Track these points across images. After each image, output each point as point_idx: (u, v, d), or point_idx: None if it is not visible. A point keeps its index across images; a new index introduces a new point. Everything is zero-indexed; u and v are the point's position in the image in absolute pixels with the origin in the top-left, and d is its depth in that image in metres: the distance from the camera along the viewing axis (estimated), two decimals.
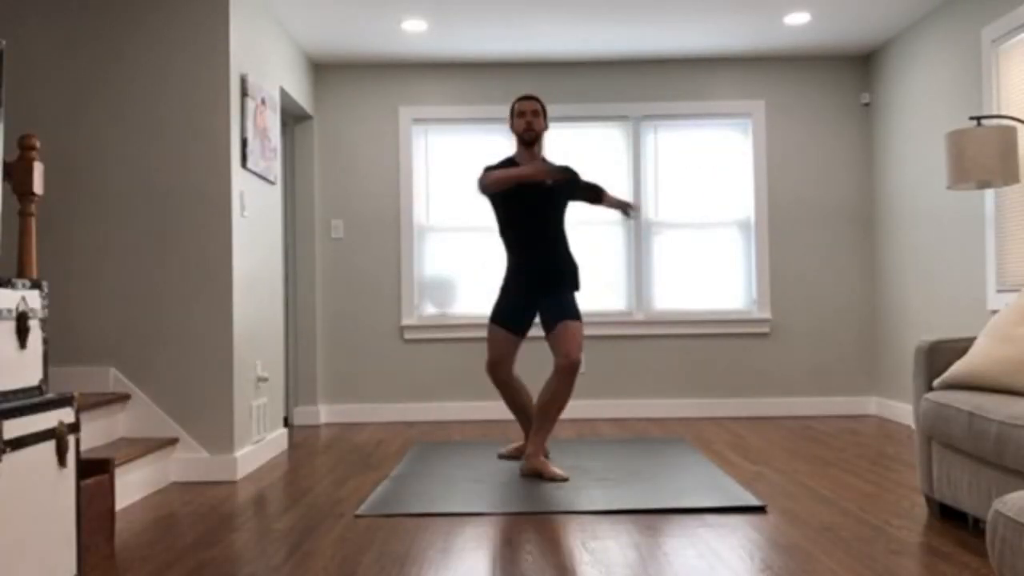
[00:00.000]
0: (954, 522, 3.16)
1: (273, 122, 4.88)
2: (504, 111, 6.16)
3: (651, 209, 6.19)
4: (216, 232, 4.20)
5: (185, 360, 4.17)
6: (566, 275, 4.18)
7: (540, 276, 4.17)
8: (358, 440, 5.29)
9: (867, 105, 6.17)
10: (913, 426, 3.94)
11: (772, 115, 6.19)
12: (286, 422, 6.09)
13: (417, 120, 6.21)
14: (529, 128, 4.16)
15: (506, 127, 6.21)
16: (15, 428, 2.23)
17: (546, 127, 4.24)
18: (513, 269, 4.26)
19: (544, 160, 4.30)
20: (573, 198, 4.37)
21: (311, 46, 5.75)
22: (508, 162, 4.27)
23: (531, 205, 4.16)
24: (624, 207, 4.36)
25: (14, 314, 2.37)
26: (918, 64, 5.41)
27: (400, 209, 6.16)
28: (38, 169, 2.96)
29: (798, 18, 5.34)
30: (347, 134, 6.19)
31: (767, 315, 6.12)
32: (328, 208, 6.17)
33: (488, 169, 4.22)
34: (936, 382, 3.22)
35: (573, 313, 4.09)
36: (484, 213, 6.19)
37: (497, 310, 4.28)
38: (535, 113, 4.18)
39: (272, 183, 4.92)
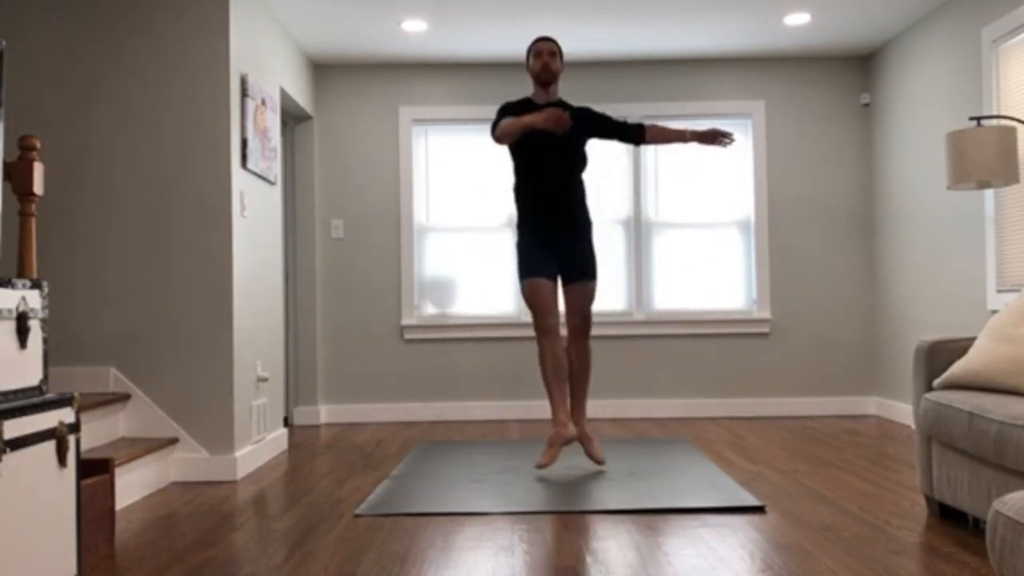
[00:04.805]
0: (954, 522, 3.16)
1: (273, 122, 4.88)
2: None
3: (651, 209, 6.19)
4: (216, 232, 4.20)
5: (185, 360, 4.17)
6: (584, 215, 4.23)
7: (561, 224, 4.18)
8: (358, 440, 5.30)
9: (867, 105, 6.17)
10: (913, 426, 3.94)
11: (772, 115, 6.19)
12: (286, 422, 6.09)
13: (417, 120, 6.21)
14: (546, 68, 4.17)
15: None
16: (15, 428, 2.23)
17: (562, 68, 4.23)
18: (530, 222, 4.19)
19: (561, 102, 4.28)
20: (601, 137, 4.29)
21: (311, 46, 5.75)
22: (525, 102, 4.24)
23: (547, 153, 4.16)
24: (710, 137, 4.17)
25: (14, 314, 2.37)
26: (918, 64, 5.41)
27: (400, 209, 6.16)
28: (38, 169, 2.96)
29: (798, 18, 5.34)
30: (347, 134, 6.19)
31: (767, 315, 6.12)
32: (328, 208, 6.17)
33: (503, 109, 4.21)
34: (936, 382, 3.22)
35: (594, 270, 4.21)
36: (484, 213, 6.19)
37: (526, 266, 4.14)
38: (552, 54, 4.18)
39: (272, 183, 4.92)
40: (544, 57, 4.17)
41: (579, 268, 4.18)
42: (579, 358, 4.23)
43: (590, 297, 4.20)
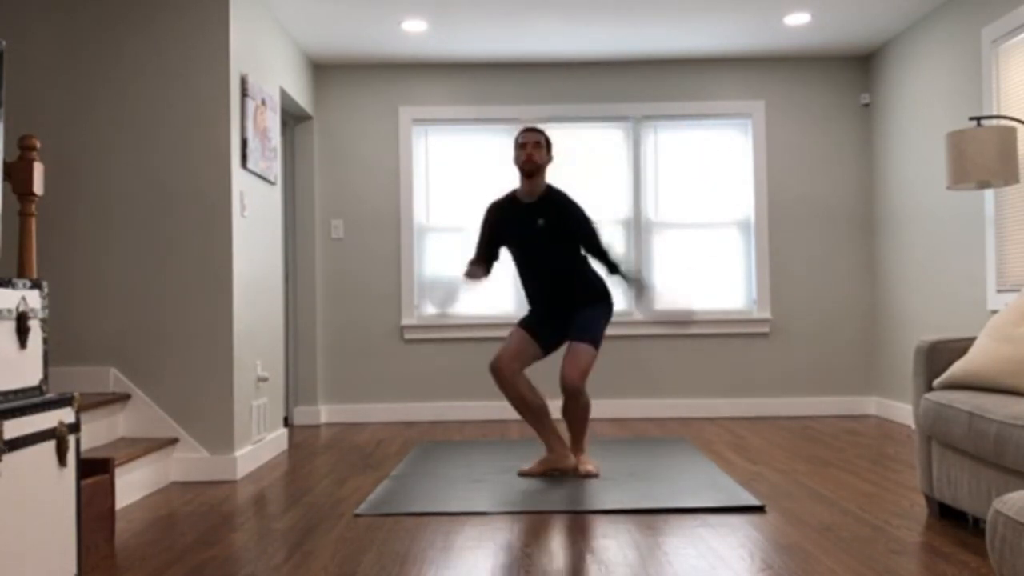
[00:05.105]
0: (954, 522, 3.16)
1: (273, 122, 4.88)
2: (504, 111, 6.16)
3: (651, 209, 6.19)
4: (216, 232, 4.20)
5: (185, 360, 4.17)
6: (588, 297, 4.14)
7: (556, 305, 4.18)
8: (358, 440, 5.30)
9: (867, 105, 6.17)
10: (913, 426, 3.95)
11: (772, 115, 6.19)
12: (286, 422, 6.09)
13: (417, 120, 6.21)
14: (529, 160, 4.07)
15: (506, 127, 6.21)
16: (15, 428, 2.23)
17: (549, 159, 4.15)
18: (529, 300, 4.28)
19: (548, 191, 4.14)
20: (580, 231, 4.16)
21: (311, 46, 5.75)
22: (510, 198, 4.22)
23: (526, 248, 4.16)
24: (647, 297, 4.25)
25: (14, 314, 2.37)
26: (918, 64, 5.41)
27: (400, 209, 6.16)
28: (38, 169, 2.96)
29: (798, 18, 5.34)
30: (347, 134, 6.19)
31: (767, 315, 6.12)
32: (328, 208, 6.17)
33: (488, 211, 4.26)
34: (936, 382, 3.22)
35: (589, 334, 4.04)
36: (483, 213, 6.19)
37: (524, 317, 4.26)
38: (536, 145, 4.08)
39: (272, 183, 4.92)
40: (528, 149, 4.07)
41: (575, 331, 4.07)
42: (569, 422, 4.10)
43: (577, 360, 3.97)
